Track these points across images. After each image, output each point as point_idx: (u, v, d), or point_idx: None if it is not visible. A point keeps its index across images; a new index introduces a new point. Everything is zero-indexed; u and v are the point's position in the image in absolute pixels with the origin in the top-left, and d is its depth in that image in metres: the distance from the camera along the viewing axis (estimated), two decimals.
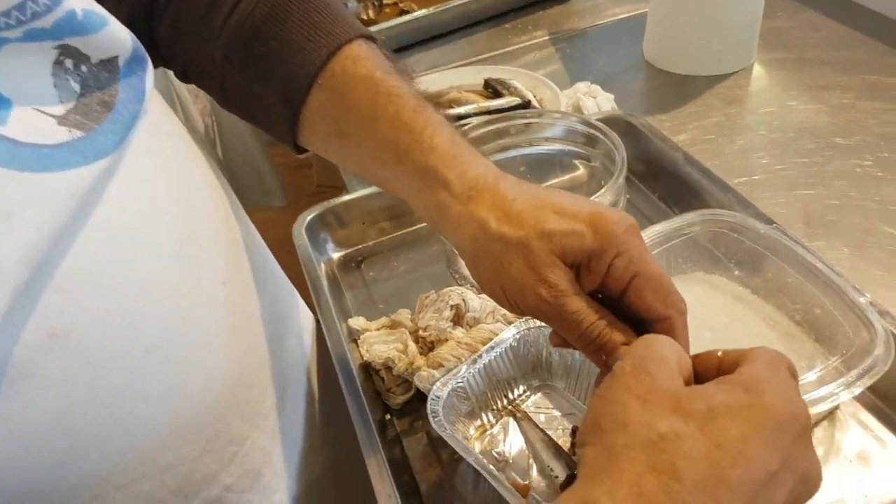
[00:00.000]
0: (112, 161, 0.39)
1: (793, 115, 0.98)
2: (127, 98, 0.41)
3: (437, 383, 0.61)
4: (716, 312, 0.66)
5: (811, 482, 0.33)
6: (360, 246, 0.85)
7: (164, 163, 0.46)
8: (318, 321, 0.71)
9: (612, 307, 0.42)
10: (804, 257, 0.62)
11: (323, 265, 0.80)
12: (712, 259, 0.68)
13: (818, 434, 0.60)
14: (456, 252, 0.76)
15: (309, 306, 0.73)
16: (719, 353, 0.38)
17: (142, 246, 0.42)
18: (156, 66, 0.53)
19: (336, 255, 0.84)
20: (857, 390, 0.55)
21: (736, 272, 0.67)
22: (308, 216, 0.81)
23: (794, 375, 0.36)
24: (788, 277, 0.63)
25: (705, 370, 0.37)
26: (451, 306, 0.67)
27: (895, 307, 0.64)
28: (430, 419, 0.58)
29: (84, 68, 0.38)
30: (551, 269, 0.41)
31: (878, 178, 0.86)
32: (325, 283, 0.74)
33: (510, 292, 0.42)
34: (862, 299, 0.60)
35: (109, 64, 0.40)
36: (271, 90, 0.49)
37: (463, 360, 0.63)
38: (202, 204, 0.50)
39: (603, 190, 0.69)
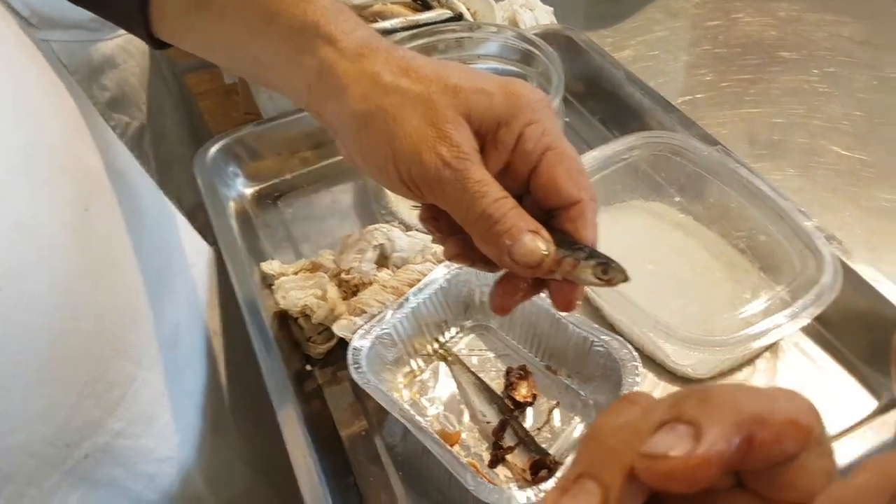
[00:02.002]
0: None
1: (738, 29, 0.93)
2: None
3: (360, 331, 0.56)
4: (657, 243, 0.62)
5: None
6: (277, 180, 0.77)
7: None
8: (221, 257, 0.64)
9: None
10: (748, 180, 0.58)
11: (232, 202, 0.72)
12: (653, 185, 0.64)
13: (760, 366, 0.58)
14: (380, 186, 0.71)
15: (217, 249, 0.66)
16: None
17: None
18: None
19: (248, 191, 0.76)
20: (804, 321, 0.52)
21: (677, 198, 0.62)
22: (212, 146, 0.72)
23: None
24: (732, 202, 0.59)
25: None
26: (375, 246, 0.61)
27: (841, 230, 0.62)
28: (351, 370, 0.53)
29: None
30: (455, 127, 0.34)
31: (824, 94, 0.82)
32: (233, 222, 0.67)
33: (402, 157, 0.35)
34: (808, 224, 0.57)
35: None
36: None
37: (388, 304, 0.58)
38: (48, 119, 0.42)
39: None
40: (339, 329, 0.57)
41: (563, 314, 0.56)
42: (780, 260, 0.57)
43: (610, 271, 0.35)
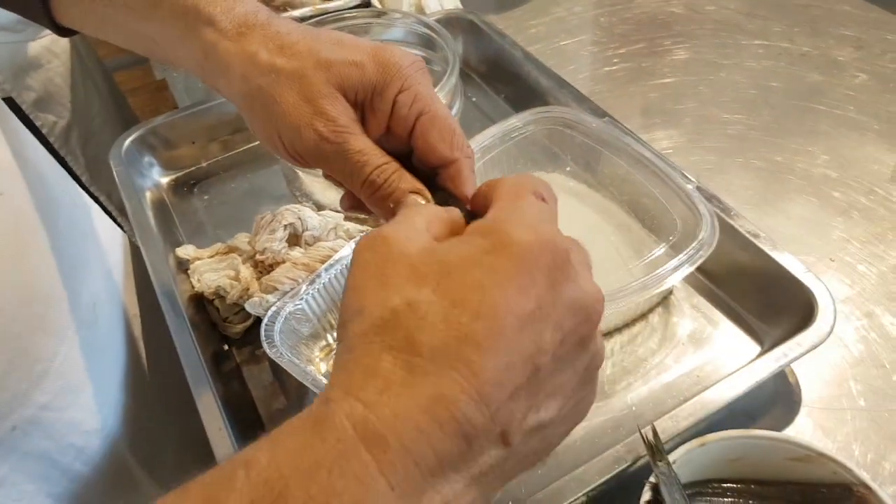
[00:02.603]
0: None
1: (636, 5, 0.97)
2: None
3: (273, 308, 0.58)
4: None
5: (585, 310, 0.28)
6: (193, 168, 0.79)
7: None
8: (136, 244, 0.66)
9: (404, 165, 0.39)
10: (634, 148, 0.62)
11: (148, 192, 0.73)
12: (550, 157, 0.67)
13: (653, 320, 0.62)
14: (295, 170, 0.73)
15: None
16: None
17: None
18: None
19: (164, 180, 0.77)
20: (685, 273, 0.56)
21: (568, 168, 0.66)
22: (126, 138, 0.73)
23: (543, 198, 0.31)
24: (619, 170, 0.63)
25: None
26: (285, 226, 0.63)
27: (727, 191, 0.66)
28: (265, 345, 0.55)
29: None
30: (329, 101, 0.36)
31: (715, 64, 0.87)
32: (149, 211, 0.68)
33: (286, 135, 0.37)
34: (689, 186, 0.61)
35: None
36: None
37: (300, 281, 0.60)
38: None
39: (435, 90, 0.65)
40: (250, 307, 0.59)
41: None
42: (663, 220, 0.61)
43: None
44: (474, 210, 0.34)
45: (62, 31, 0.46)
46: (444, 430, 0.23)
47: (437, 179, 0.39)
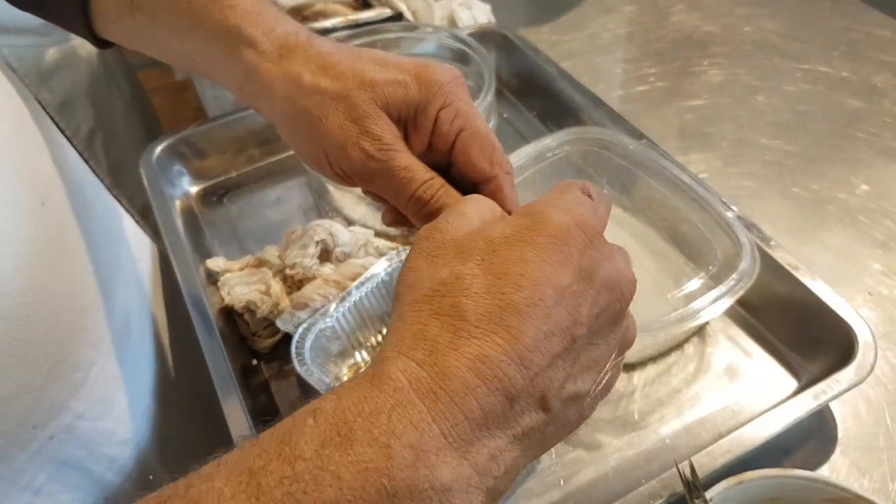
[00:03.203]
0: None
1: (670, 24, 0.96)
2: None
3: (303, 325, 0.57)
4: None
5: (619, 287, 0.30)
6: (223, 178, 0.78)
7: None
8: (164, 252, 0.66)
9: (444, 177, 0.39)
10: (673, 172, 0.61)
11: (178, 201, 0.73)
12: (584, 178, 0.66)
13: (688, 350, 0.61)
14: (325, 184, 0.72)
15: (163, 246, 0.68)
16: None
17: None
18: None
19: (194, 189, 0.77)
20: (725, 306, 0.55)
21: (605, 191, 0.65)
22: (157, 146, 0.73)
23: (588, 193, 0.34)
24: (656, 194, 0.62)
25: None
26: (317, 242, 0.63)
27: (764, 218, 0.65)
28: (295, 363, 0.55)
29: None
30: (374, 121, 0.37)
31: (752, 87, 0.86)
32: (179, 220, 0.68)
33: (332, 154, 0.38)
34: (730, 214, 0.60)
35: None
36: None
37: (331, 298, 0.60)
38: (1, 123, 0.45)
39: None
40: (281, 323, 0.59)
41: None
42: (702, 248, 0.60)
43: None
44: None
45: (102, 43, 0.46)
46: (489, 387, 0.26)
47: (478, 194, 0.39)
